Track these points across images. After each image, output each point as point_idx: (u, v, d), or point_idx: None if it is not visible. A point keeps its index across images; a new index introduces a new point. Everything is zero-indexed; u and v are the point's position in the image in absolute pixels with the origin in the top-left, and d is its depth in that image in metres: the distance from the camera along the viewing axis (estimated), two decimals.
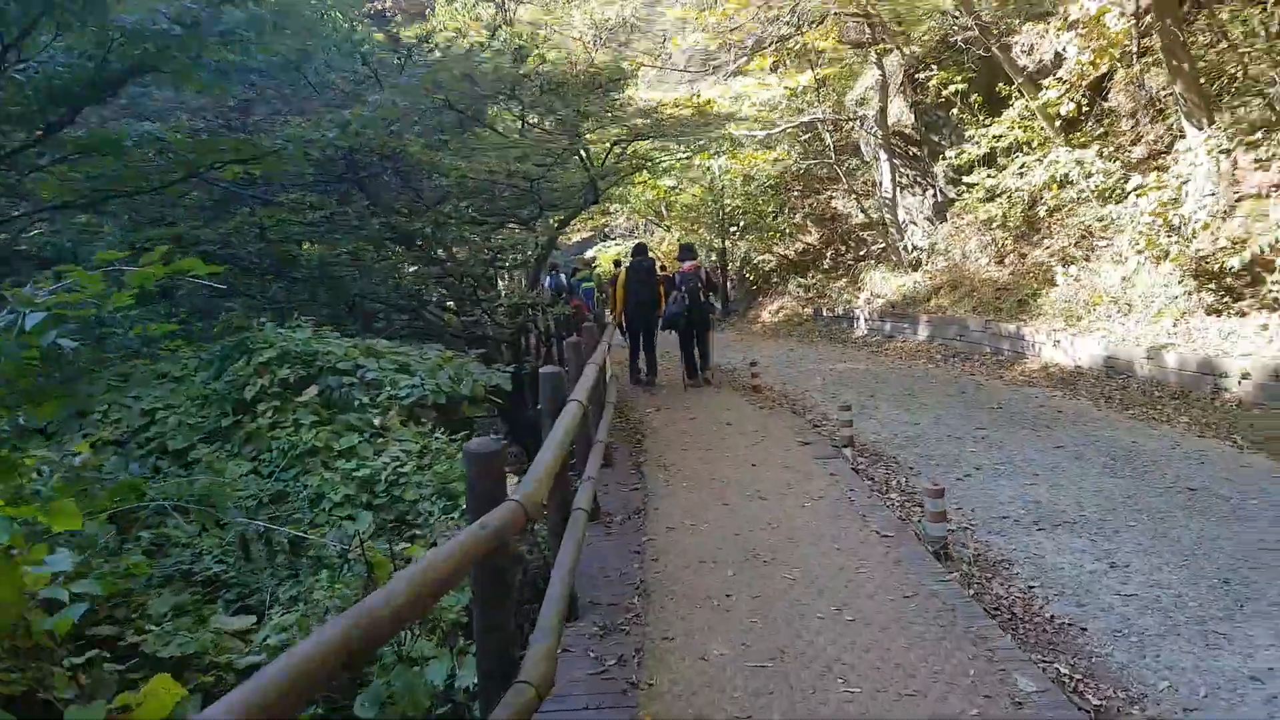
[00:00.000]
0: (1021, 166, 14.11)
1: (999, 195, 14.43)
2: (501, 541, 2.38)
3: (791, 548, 5.51)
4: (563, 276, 18.89)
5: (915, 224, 18.95)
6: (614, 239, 41.26)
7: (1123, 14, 11.88)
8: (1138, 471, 7.38)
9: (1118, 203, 12.19)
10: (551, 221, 12.15)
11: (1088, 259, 13.31)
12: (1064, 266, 13.10)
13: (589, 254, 37.58)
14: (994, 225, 14.88)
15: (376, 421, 5.70)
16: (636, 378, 12.65)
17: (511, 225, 10.28)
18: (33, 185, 9.29)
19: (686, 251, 12.62)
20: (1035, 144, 14.27)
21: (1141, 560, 5.46)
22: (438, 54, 11.96)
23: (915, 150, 18.70)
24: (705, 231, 25.22)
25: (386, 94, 8.56)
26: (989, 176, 14.55)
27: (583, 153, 10.48)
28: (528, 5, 23.47)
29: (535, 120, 9.83)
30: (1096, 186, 12.30)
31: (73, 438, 5.65)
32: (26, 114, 7.75)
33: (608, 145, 10.65)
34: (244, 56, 9.94)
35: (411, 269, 10.92)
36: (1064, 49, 13.17)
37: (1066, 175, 12.56)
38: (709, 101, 15.82)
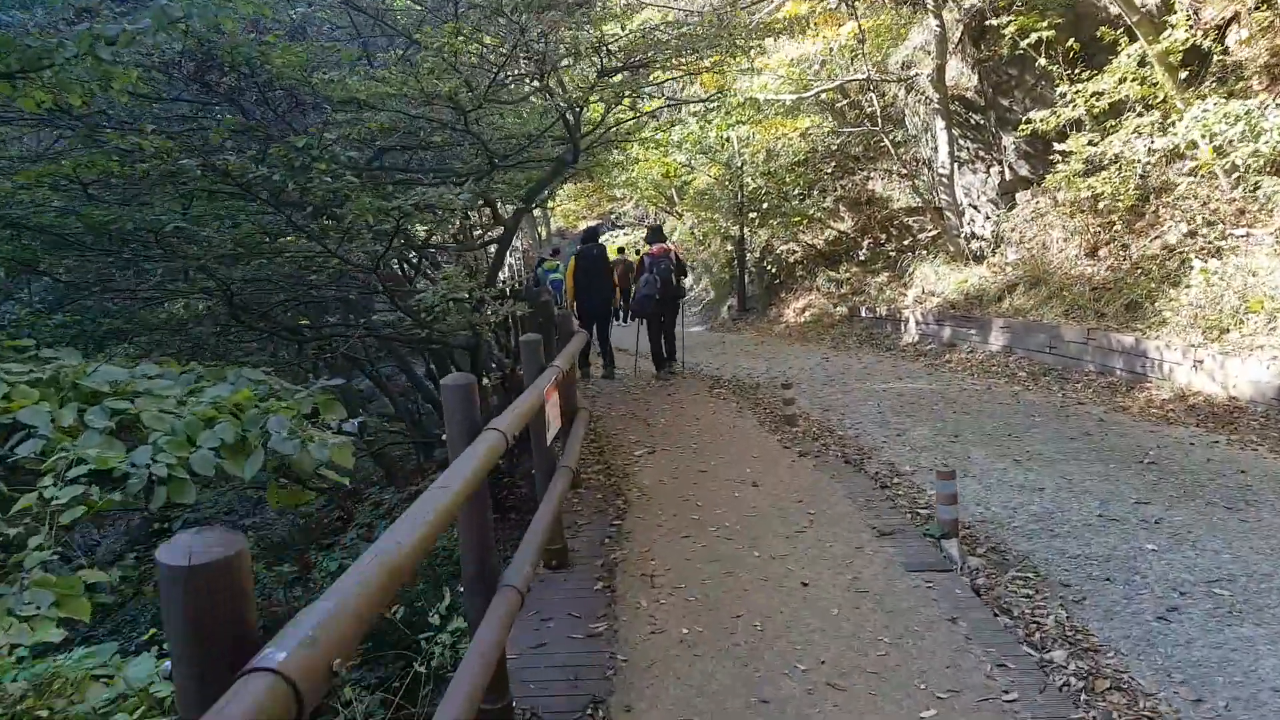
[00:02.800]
0: (1136, 129, 10.84)
1: (1109, 166, 11.15)
2: None
3: None
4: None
5: (976, 207, 15.69)
6: (623, 227, 38.21)
7: None
8: None
9: None
10: (518, 183, 8.98)
11: (1218, 250, 10.08)
12: (1202, 260, 9.84)
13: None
14: (1098, 205, 11.61)
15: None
16: (585, 372, 11.91)
17: (450, 183, 7.07)
18: None
19: (655, 234, 12.06)
20: (1153, 102, 11.00)
21: None
22: None
23: (978, 118, 15.42)
24: (720, 218, 21.99)
25: None
26: (1091, 144, 11.27)
27: (552, 84, 7.31)
28: None
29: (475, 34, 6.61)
30: (1271, 150, 8.99)
31: None
32: None
33: (591, 74, 7.43)
34: None
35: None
36: None
37: (1220, 136, 9.26)
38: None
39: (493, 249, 10.52)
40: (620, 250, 27.65)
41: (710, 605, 4.26)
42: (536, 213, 32.35)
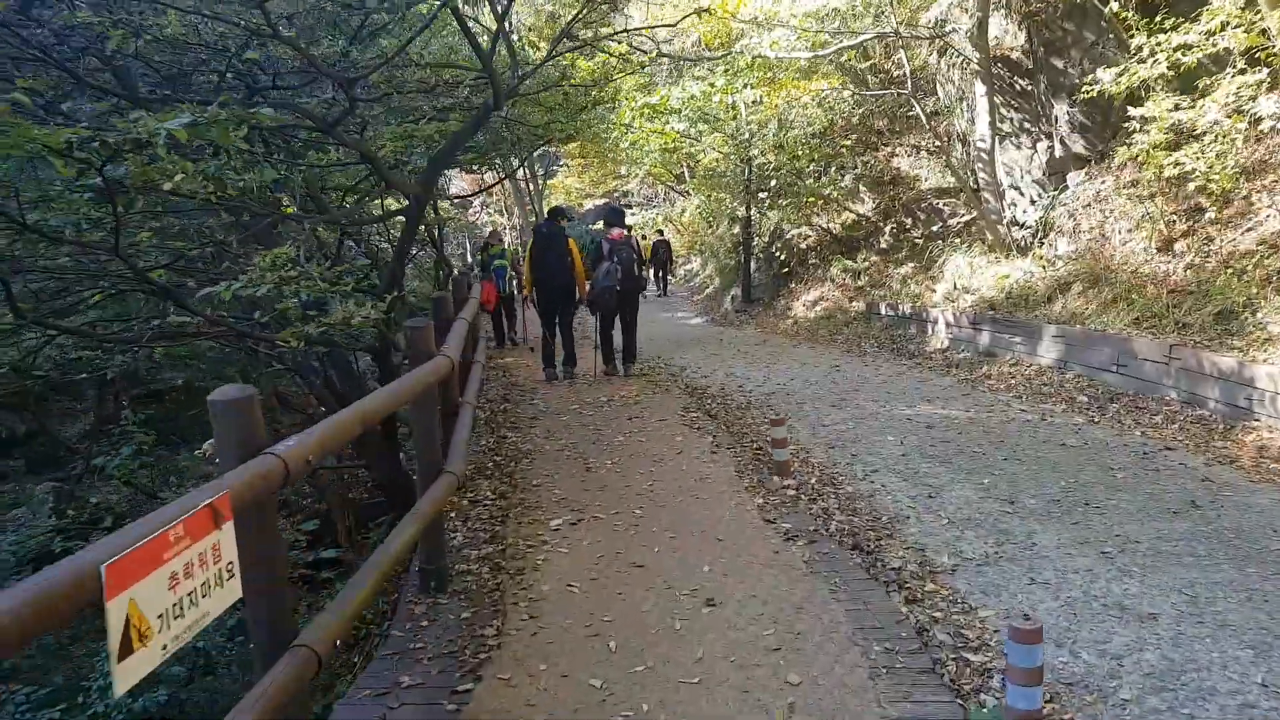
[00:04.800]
0: (1238, 90, 8.51)
1: (1202, 137, 8.83)
2: None
3: None
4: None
5: (1020, 189, 13.36)
6: (630, 206, 35.91)
7: None
8: None
9: None
10: (434, 139, 6.77)
11: None
12: None
13: (600, 224, 32.08)
14: (1184, 187, 9.32)
15: None
16: (551, 372, 10.41)
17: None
18: None
19: (614, 216, 10.76)
20: (1261, 55, 8.65)
21: None
22: None
23: (1024, 84, 13.07)
24: (728, 197, 19.70)
25: None
26: (1179, 107, 8.93)
27: None
28: None
29: None
30: None
31: None
32: None
33: None
34: None
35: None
36: None
37: None
38: None
39: (485, 231, 8.33)
40: (628, 228, 25.46)
41: None
42: (529, 188, 29.99)
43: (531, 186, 29.98)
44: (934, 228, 15.15)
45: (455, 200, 29.17)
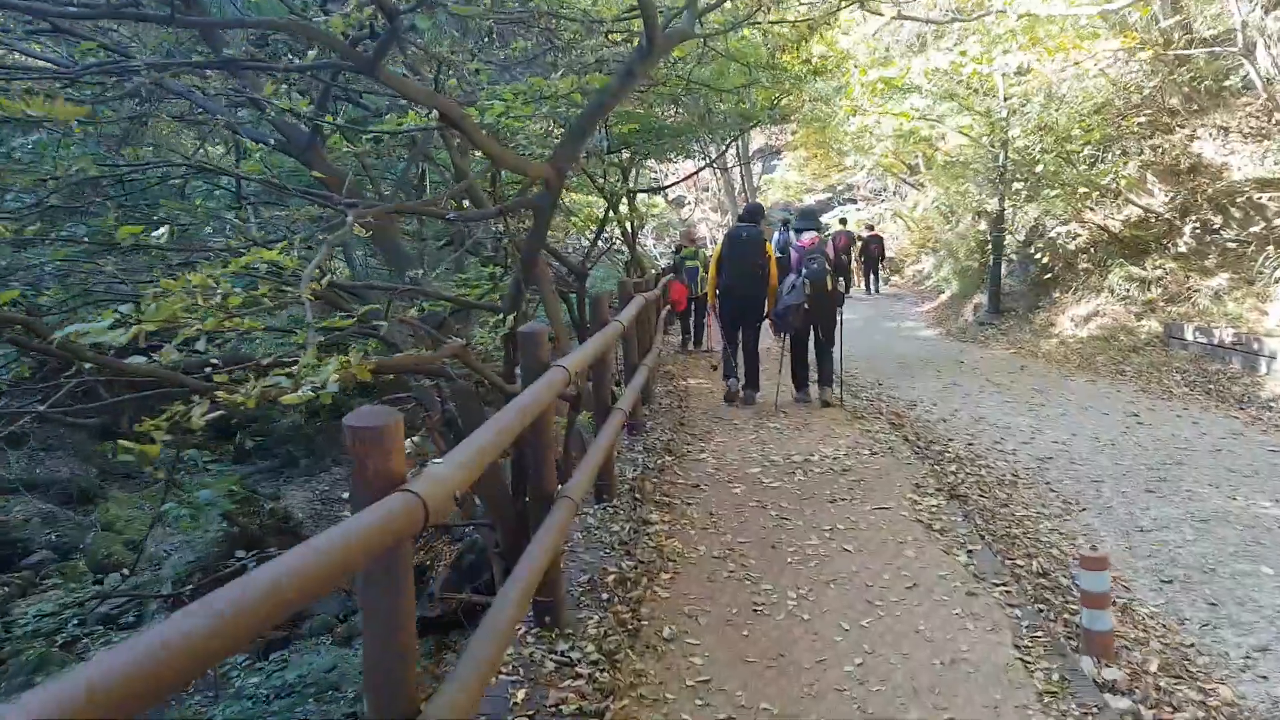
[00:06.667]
0: None
1: None
2: None
3: None
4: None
5: None
6: (855, 201, 32.91)
7: None
8: None
9: None
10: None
11: None
12: None
13: (825, 218, 29.33)
14: None
15: None
16: (731, 392, 8.73)
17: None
18: None
19: (805, 219, 9.00)
20: None
21: None
22: None
23: None
24: (974, 188, 16.70)
25: None
26: None
27: None
28: None
29: None
30: None
31: None
32: None
33: None
34: None
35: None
36: None
37: None
38: None
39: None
40: (843, 221, 23.09)
41: None
42: (745, 183, 27.73)
43: (747, 181, 27.80)
44: (1253, 229, 11.71)
45: (669, 197, 27.41)
